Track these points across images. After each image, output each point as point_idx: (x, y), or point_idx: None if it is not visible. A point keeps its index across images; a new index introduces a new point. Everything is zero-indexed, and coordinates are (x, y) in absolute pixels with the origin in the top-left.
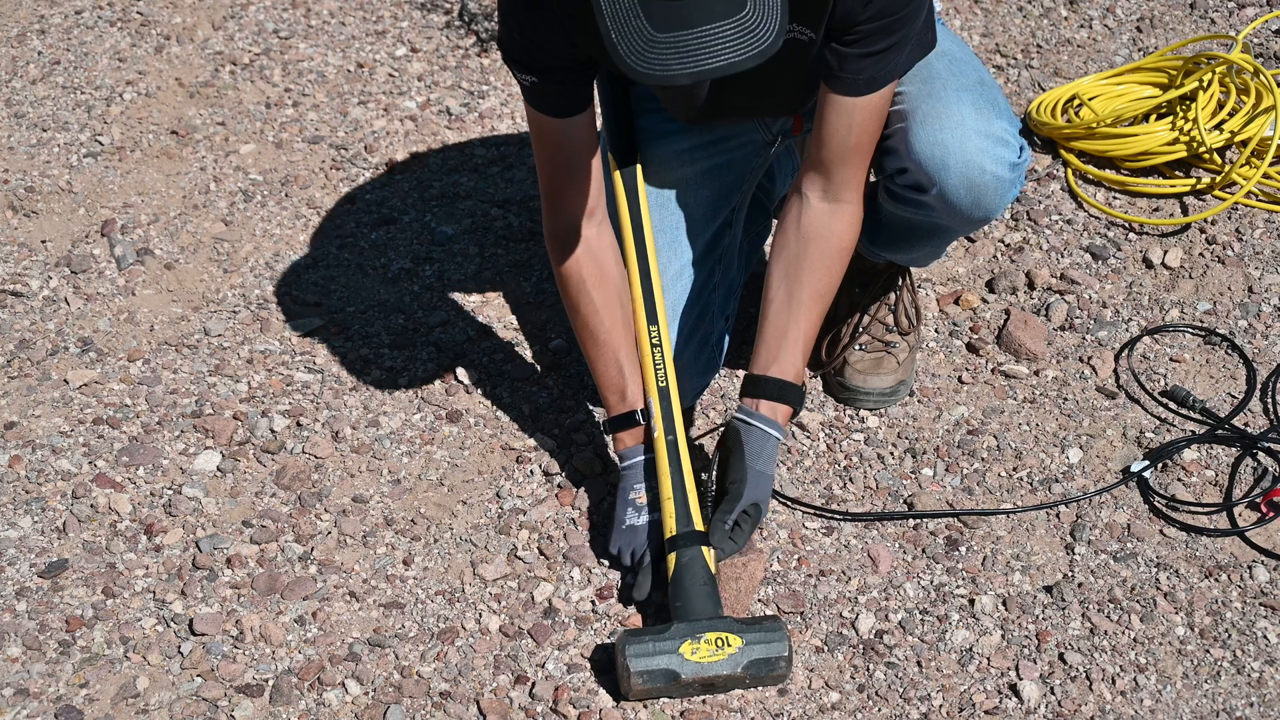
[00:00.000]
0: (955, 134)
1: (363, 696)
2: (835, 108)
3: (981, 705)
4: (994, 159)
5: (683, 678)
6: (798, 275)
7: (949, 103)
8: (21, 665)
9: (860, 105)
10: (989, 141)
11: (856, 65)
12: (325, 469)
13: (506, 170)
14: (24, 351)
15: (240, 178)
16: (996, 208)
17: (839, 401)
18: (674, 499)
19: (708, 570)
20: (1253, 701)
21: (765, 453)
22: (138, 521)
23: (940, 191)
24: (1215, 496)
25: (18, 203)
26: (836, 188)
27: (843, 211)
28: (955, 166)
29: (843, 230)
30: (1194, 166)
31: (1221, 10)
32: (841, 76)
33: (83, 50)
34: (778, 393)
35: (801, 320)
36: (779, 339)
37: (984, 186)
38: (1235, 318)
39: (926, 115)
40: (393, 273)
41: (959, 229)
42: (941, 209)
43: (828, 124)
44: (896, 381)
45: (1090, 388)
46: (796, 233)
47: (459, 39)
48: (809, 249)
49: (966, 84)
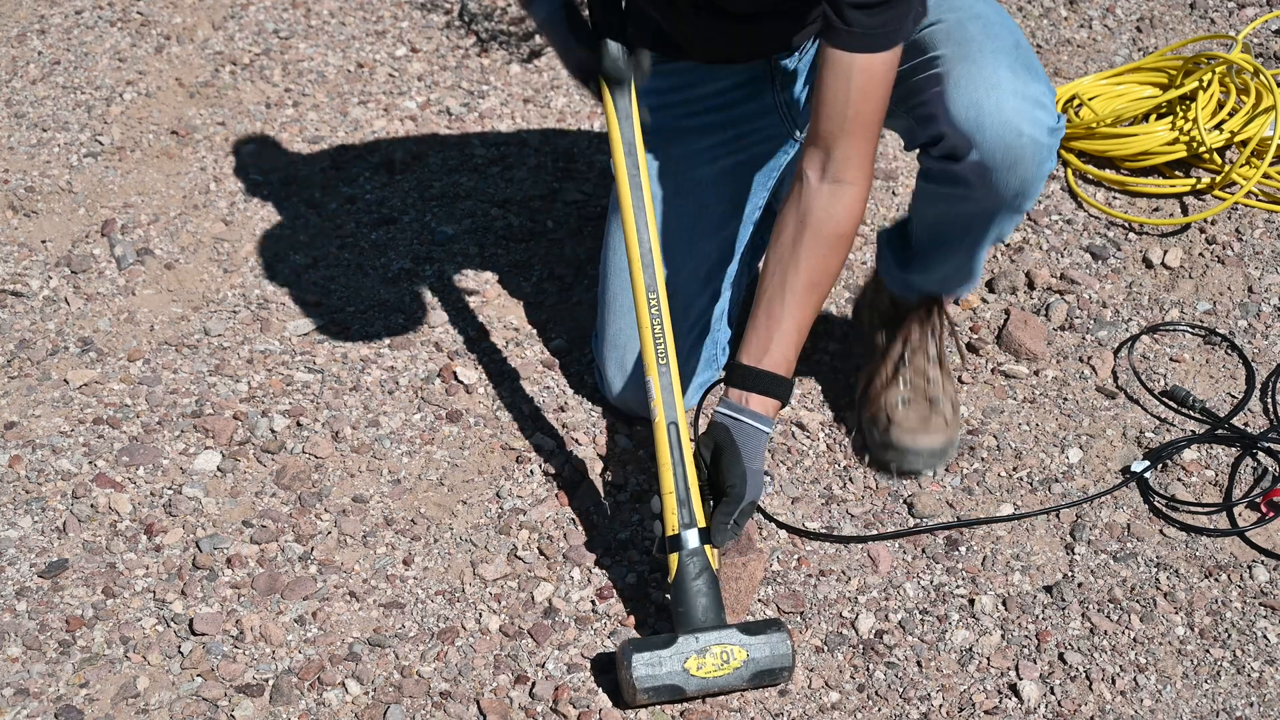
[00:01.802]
0: (991, 95)
1: (363, 696)
2: (832, 66)
3: (981, 705)
4: (1031, 121)
5: (687, 693)
6: (794, 261)
7: (985, 65)
8: (21, 665)
9: (859, 65)
10: (1026, 103)
11: (851, 14)
12: (325, 469)
13: (506, 170)
14: (24, 351)
15: (240, 178)
16: (1034, 178)
17: (880, 466)
18: (675, 493)
19: (711, 573)
20: (1253, 701)
21: (759, 451)
22: (138, 521)
23: (978, 157)
24: (1215, 496)
25: (18, 203)
26: (837, 165)
27: (844, 193)
28: (991, 128)
29: (843, 214)
30: (1194, 166)
31: (1221, 10)
32: (838, 27)
33: (83, 50)
34: (769, 387)
35: (795, 310)
36: (772, 329)
37: (1021, 150)
38: (1235, 318)
39: (960, 77)
40: (393, 273)
41: (993, 216)
42: (977, 179)
43: (826, 86)
44: (946, 440)
45: (1090, 388)
46: (795, 215)
47: (459, 39)
48: (806, 234)
49: (1003, 46)
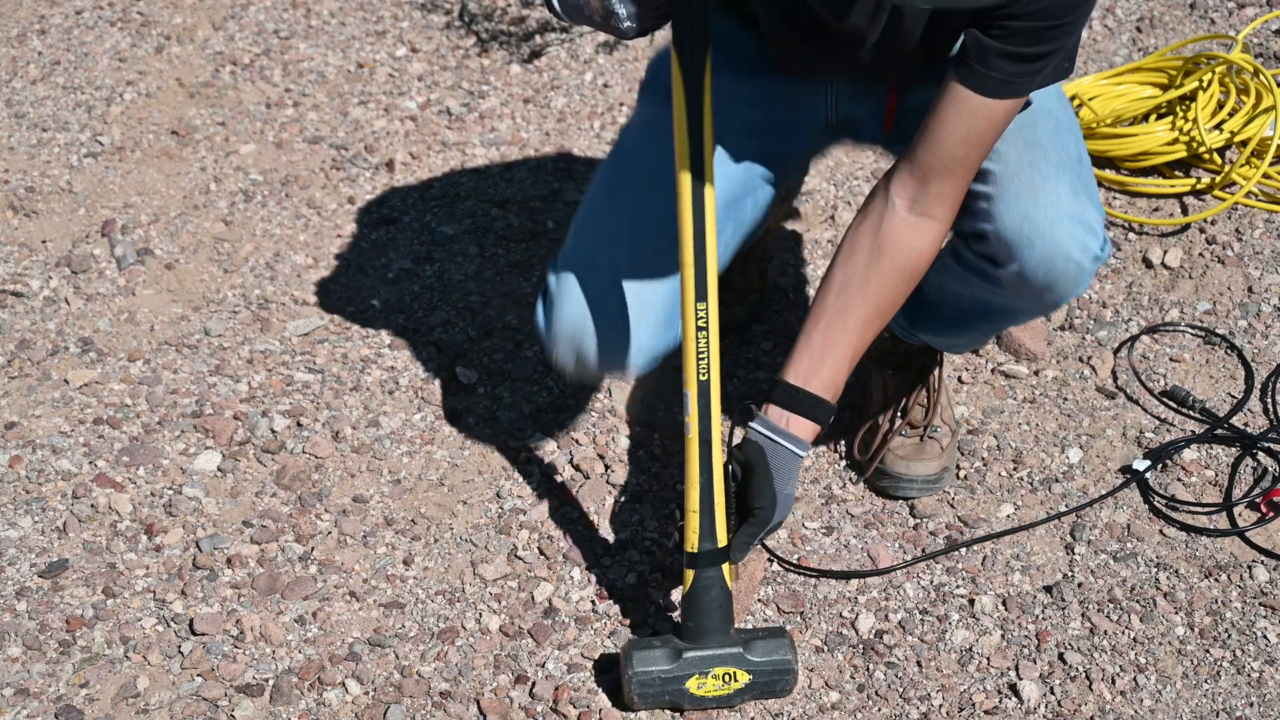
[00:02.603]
0: (1047, 213)
1: (363, 696)
2: (958, 104)
3: (981, 705)
4: (1081, 247)
5: (685, 709)
6: (862, 287)
7: (1048, 177)
8: (21, 665)
9: (985, 109)
10: (1080, 228)
11: (997, 62)
12: (325, 469)
13: (506, 170)
14: (24, 351)
15: (240, 178)
16: (1067, 296)
17: (875, 490)
18: (700, 512)
19: (725, 590)
20: (1253, 701)
21: (792, 475)
22: (138, 521)
23: (1018, 269)
24: (1215, 496)
25: (18, 203)
26: (929, 199)
27: (928, 228)
28: (1040, 247)
29: (924, 248)
30: (1194, 166)
31: (1221, 10)
32: (976, 69)
33: (83, 50)
34: (812, 410)
35: (854, 335)
36: (826, 350)
37: (1064, 274)
38: (1235, 318)
39: (1021, 186)
40: (393, 273)
41: (1018, 313)
42: (1011, 287)
43: (944, 122)
44: (940, 468)
45: (1090, 388)
46: (873, 239)
47: (459, 39)
48: (882, 261)
49: (1067, 159)
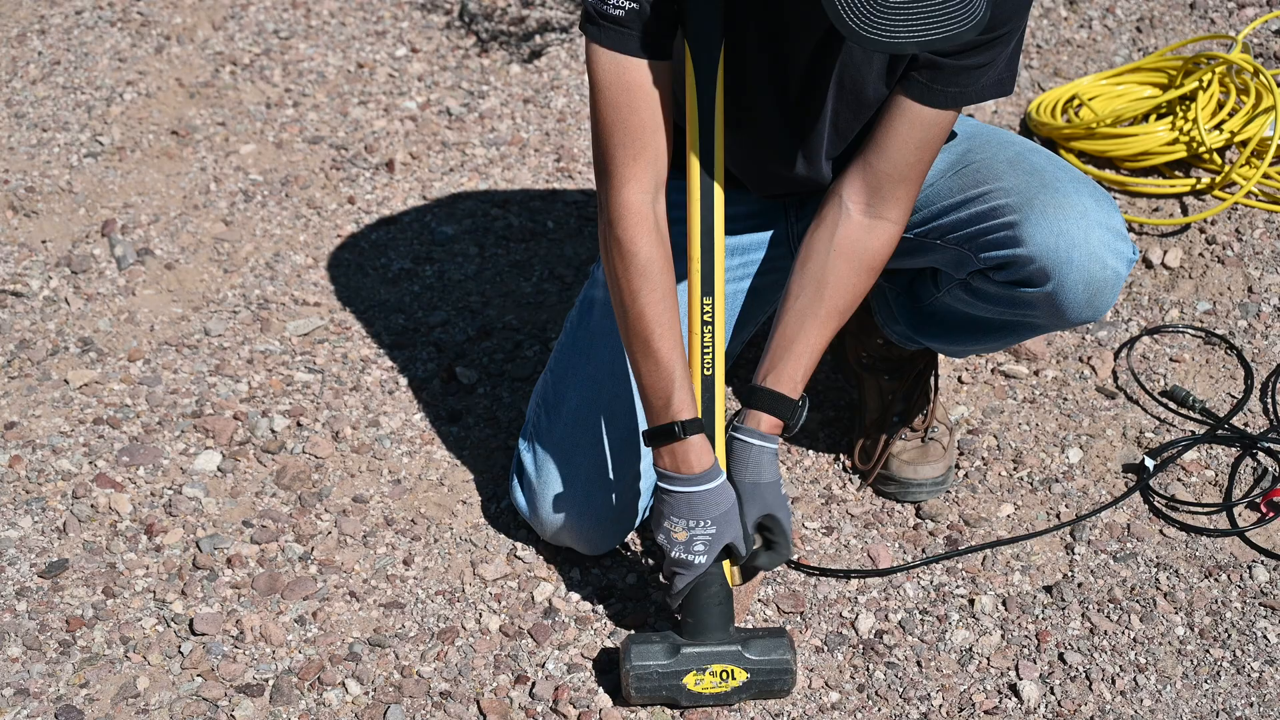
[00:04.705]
0: (1080, 224)
1: (363, 696)
2: (910, 119)
3: (981, 705)
4: (1115, 254)
5: (682, 704)
6: (819, 288)
7: (1068, 193)
8: (21, 665)
9: (936, 121)
10: (1111, 235)
11: (949, 77)
12: (325, 469)
13: (506, 170)
14: (24, 351)
15: (240, 178)
16: (1104, 308)
17: (884, 495)
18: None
19: (725, 588)
20: (1253, 701)
21: (760, 465)
22: (138, 521)
23: (1057, 285)
24: (1215, 496)
25: (18, 203)
26: (883, 203)
27: (882, 230)
28: (1079, 260)
29: (878, 249)
30: (1194, 166)
31: (1221, 10)
32: (930, 86)
33: (83, 50)
34: (768, 404)
35: (813, 334)
36: (784, 349)
37: (1103, 283)
38: (1235, 318)
39: (1047, 205)
40: (393, 273)
41: (1051, 326)
42: (1047, 305)
43: (896, 134)
44: (945, 469)
45: (1090, 388)
46: (829, 243)
47: (459, 39)
48: (838, 262)
49: (1077, 176)
